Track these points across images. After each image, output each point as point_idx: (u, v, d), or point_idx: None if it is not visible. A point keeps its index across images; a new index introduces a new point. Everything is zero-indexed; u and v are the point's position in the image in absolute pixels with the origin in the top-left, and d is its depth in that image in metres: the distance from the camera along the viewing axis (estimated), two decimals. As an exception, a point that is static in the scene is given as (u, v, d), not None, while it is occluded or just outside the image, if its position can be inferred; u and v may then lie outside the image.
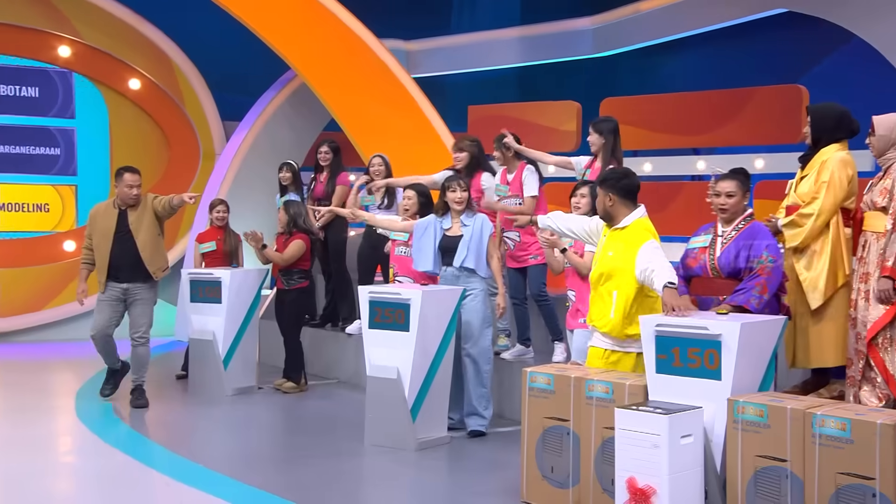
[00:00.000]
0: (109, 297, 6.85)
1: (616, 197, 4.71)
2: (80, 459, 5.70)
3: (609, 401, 4.24)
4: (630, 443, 3.86)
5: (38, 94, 10.94)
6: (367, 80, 9.95)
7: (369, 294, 5.88)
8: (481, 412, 6.00)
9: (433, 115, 9.99)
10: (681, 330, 4.10)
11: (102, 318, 6.86)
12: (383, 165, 7.83)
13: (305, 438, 6.09)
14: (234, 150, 11.02)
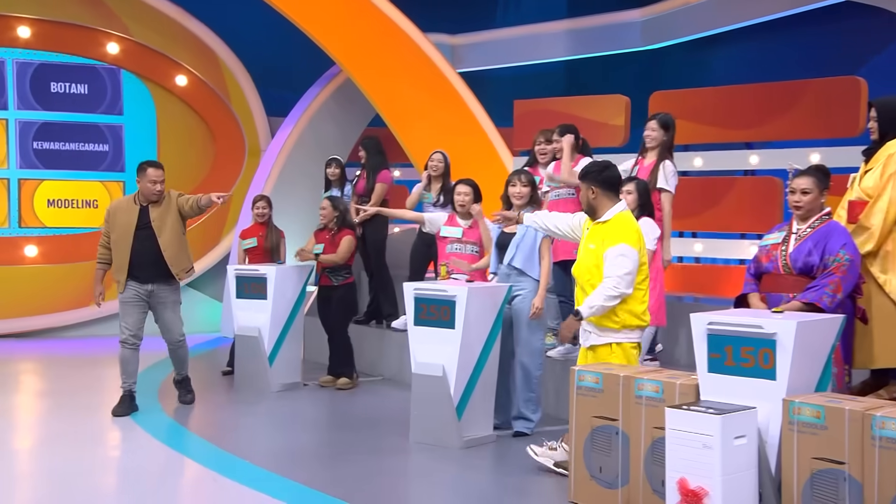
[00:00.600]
0: (132, 298, 6.53)
1: (599, 189, 4.82)
2: (127, 455, 5.79)
3: (659, 400, 4.19)
4: (681, 443, 3.80)
5: (88, 90, 11.14)
6: (412, 75, 9.96)
7: (415, 291, 5.88)
8: (529, 416, 5.96)
9: (478, 109, 9.97)
10: (734, 328, 4.03)
11: (132, 321, 6.53)
12: (443, 162, 7.77)
13: (350, 435, 6.11)
14: (279, 146, 11.11)
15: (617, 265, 4.66)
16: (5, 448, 5.85)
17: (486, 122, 9.92)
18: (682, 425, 3.81)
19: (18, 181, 10.91)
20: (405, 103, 9.85)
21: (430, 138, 9.33)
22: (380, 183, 8.26)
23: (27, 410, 7.27)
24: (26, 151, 10.92)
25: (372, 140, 8.49)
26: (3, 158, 10.84)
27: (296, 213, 10.61)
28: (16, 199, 10.89)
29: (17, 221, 10.89)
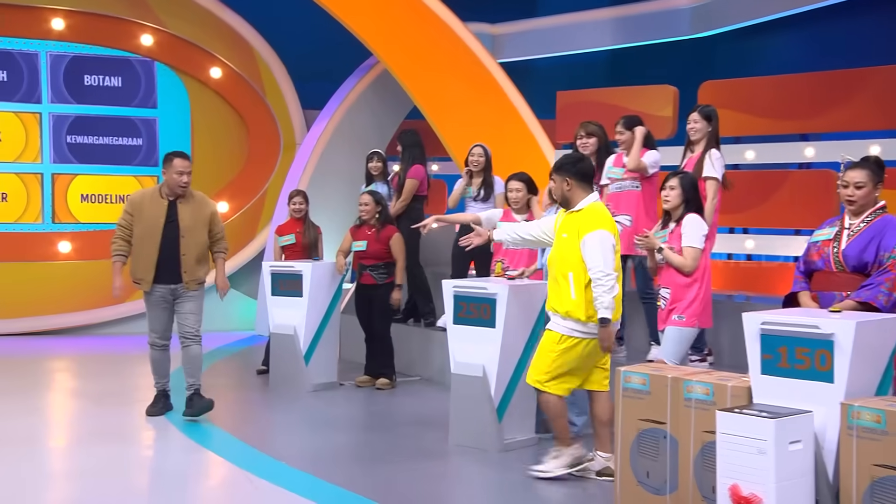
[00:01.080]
0: (159, 301, 6.37)
1: (573, 181, 4.96)
2: (160, 454, 5.87)
3: (709, 403, 4.14)
4: (733, 448, 3.76)
5: (122, 83, 11.29)
6: (451, 66, 9.95)
7: (454, 288, 5.87)
8: (573, 420, 5.92)
9: (519, 101, 9.94)
10: (789, 328, 3.97)
11: (159, 325, 6.41)
12: (483, 156, 7.75)
13: (388, 437, 6.13)
14: (314, 139, 11.17)
15: (596, 253, 4.79)
16: (39, 446, 5.96)
17: (527, 115, 9.89)
18: (735, 429, 3.77)
19: (52, 176, 11.10)
20: (444, 95, 9.85)
21: (469, 131, 9.31)
22: (409, 179, 8.22)
23: (61, 409, 7.40)
24: (60, 146, 11.10)
25: (409, 133, 8.48)
26: (36, 153, 11.03)
27: (332, 209, 10.66)
28: (49, 194, 11.07)
29: (51, 217, 11.07)
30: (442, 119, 9.83)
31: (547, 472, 5.07)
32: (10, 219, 10.92)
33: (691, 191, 5.37)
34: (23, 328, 10.71)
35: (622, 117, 6.64)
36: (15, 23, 10.83)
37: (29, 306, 10.76)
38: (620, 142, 6.61)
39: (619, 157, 6.65)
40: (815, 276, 4.66)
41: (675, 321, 5.28)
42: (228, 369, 8.94)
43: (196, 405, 6.42)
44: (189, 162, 6.41)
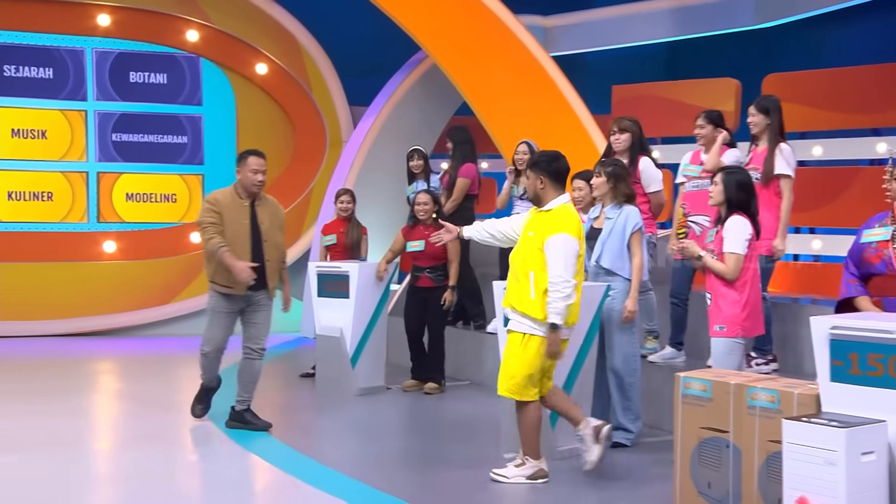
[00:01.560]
0: (228, 308, 6.23)
1: (547, 180, 5.06)
2: (205, 458, 5.93)
3: (775, 411, 4.07)
4: (801, 459, 3.68)
5: (167, 80, 11.46)
6: (502, 60, 9.91)
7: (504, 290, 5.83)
8: (627, 426, 5.89)
9: (573, 96, 9.86)
10: (861, 333, 3.87)
11: (221, 334, 6.26)
12: (529, 153, 7.74)
13: (437, 443, 6.12)
14: (361, 136, 11.22)
15: (558, 257, 4.91)
16: (84, 449, 6.06)
17: (581, 110, 9.81)
18: (802, 439, 3.69)
19: (97, 174, 11.30)
20: (495, 90, 9.82)
21: (520, 127, 9.27)
22: (462, 178, 8.21)
23: (105, 411, 7.52)
24: (105, 144, 11.30)
25: (459, 129, 8.48)
26: (82, 151, 11.24)
27: (378, 207, 10.70)
28: (94, 193, 11.28)
29: (96, 216, 11.27)
30: (492, 115, 9.79)
31: (508, 480, 5.12)
32: (56, 218, 11.14)
33: (734, 189, 5.18)
34: (67, 329, 10.92)
35: (703, 111, 6.51)
36: (60, 19, 11.05)
37: (74, 307, 10.97)
38: (700, 136, 6.46)
39: (696, 154, 6.52)
40: (874, 281, 4.53)
41: (716, 332, 5.19)
42: (273, 372, 9.01)
43: (252, 423, 6.30)
44: (264, 160, 6.20)
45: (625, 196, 5.92)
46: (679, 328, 6.58)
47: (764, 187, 5.99)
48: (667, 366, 6.48)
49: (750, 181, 5.31)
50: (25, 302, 10.79)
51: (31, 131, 11.05)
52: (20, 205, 11.00)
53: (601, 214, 5.99)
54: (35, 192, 11.06)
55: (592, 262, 5.91)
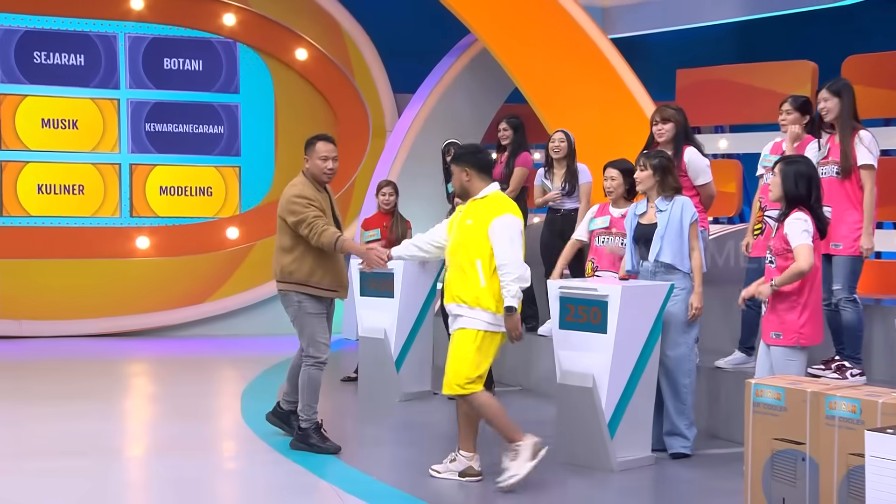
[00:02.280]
0: (322, 310, 6.03)
1: (473, 171, 5.27)
2: (245, 465, 5.98)
3: (856, 421, 3.99)
4: (886, 474, 3.59)
5: (202, 67, 11.58)
6: (557, 43, 9.84)
7: (560, 289, 5.81)
8: (683, 431, 5.85)
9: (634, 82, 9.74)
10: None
11: (328, 337, 6.06)
12: (565, 142, 7.74)
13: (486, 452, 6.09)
14: (406, 125, 11.24)
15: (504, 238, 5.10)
16: (117, 455, 6.14)
17: (642, 96, 9.69)
18: (887, 452, 3.60)
19: (130, 167, 11.45)
20: (549, 75, 9.76)
21: (576, 115, 9.21)
22: (519, 167, 8.19)
23: (139, 415, 7.62)
24: (138, 134, 11.45)
25: (518, 118, 8.45)
26: (114, 142, 11.40)
27: (425, 200, 10.69)
28: (127, 186, 11.43)
29: (129, 210, 11.42)
30: (546, 102, 9.73)
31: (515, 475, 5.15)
32: (87, 212, 11.31)
33: (791, 182, 5.08)
34: (99, 329, 11.09)
35: (790, 96, 6.40)
36: (91, 3, 11.23)
37: (105, 306, 11.14)
38: (784, 124, 6.33)
39: (778, 145, 6.42)
40: None
41: (771, 339, 5.13)
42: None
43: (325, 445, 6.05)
44: (334, 145, 6.03)
45: (673, 189, 5.88)
46: (750, 332, 6.49)
47: (845, 181, 5.86)
48: (736, 371, 6.39)
49: (812, 172, 5.17)
50: (55, 301, 10.98)
51: (62, 121, 11.23)
52: (50, 198, 11.20)
53: (648, 209, 5.94)
54: (66, 185, 11.24)
55: (651, 260, 5.85)
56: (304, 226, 5.82)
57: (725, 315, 6.96)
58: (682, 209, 5.79)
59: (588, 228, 6.68)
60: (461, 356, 5.23)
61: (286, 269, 5.95)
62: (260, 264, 11.35)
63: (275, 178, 11.61)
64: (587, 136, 8.49)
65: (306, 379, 6.00)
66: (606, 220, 6.52)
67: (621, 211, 6.44)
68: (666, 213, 5.81)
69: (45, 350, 10.17)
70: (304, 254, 5.90)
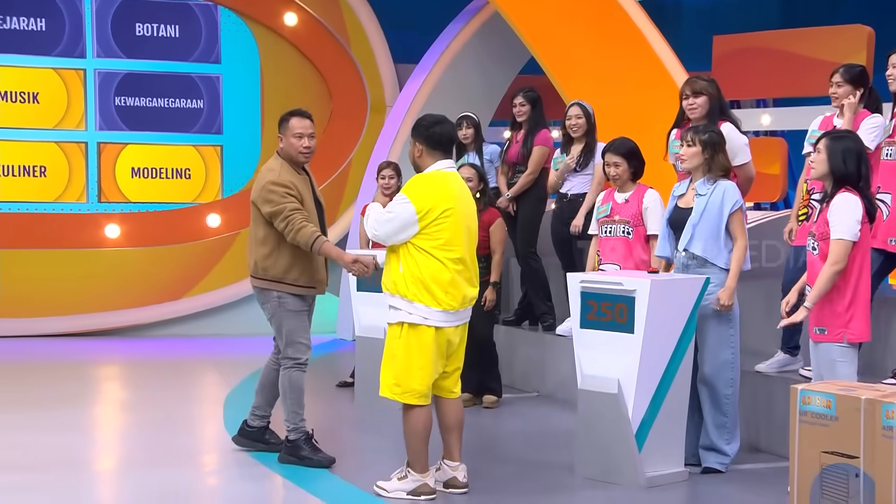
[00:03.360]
0: (309, 307, 6.12)
1: (424, 146, 5.35)
2: (228, 482, 5.99)
3: (916, 433, 3.99)
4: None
5: (179, 33, 11.57)
6: (578, 6, 9.83)
7: (581, 284, 5.81)
8: (722, 447, 5.86)
9: (665, 50, 9.71)
10: None
11: (309, 336, 6.12)
12: (583, 117, 7.73)
13: (500, 466, 6.11)
14: (408, 100, 11.24)
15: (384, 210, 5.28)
16: (86, 469, 6.16)
17: (674, 67, 9.66)
18: (951, 467, 3.60)
19: (98, 145, 11.46)
20: (569, 43, 9.74)
21: (599, 88, 9.19)
22: (539, 146, 8.21)
23: (110, 425, 7.65)
24: (107, 109, 11.46)
25: (535, 92, 8.46)
26: (80, 118, 11.41)
27: (430, 185, 10.68)
28: (94, 167, 11.45)
29: (97, 195, 11.44)
30: (565, 73, 9.72)
31: (388, 494, 5.32)
32: (49, 197, 11.33)
33: (839, 159, 5.06)
34: (65, 328, 11.12)
35: (842, 66, 6.34)
36: (54, -38, 11.21)
37: (71, 302, 11.16)
38: (835, 97, 6.28)
39: (828, 119, 6.36)
40: None
41: (816, 335, 5.13)
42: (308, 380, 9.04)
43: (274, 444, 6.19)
44: (311, 121, 6.11)
45: (722, 169, 5.85)
46: (794, 330, 6.47)
47: None
48: (778, 376, 6.39)
49: (861, 148, 5.16)
50: (14, 297, 11.00)
51: (21, 94, 11.25)
52: (7, 181, 11.22)
53: (689, 191, 5.93)
54: (25, 167, 11.26)
55: (681, 251, 5.85)
56: (279, 218, 5.83)
57: (767, 313, 6.95)
58: (723, 195, 5.76)
59: (595, 218, 6.70)
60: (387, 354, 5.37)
61: (260, 264, 5.98)
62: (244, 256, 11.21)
63: (261, 159, 11.61)
64: (611, 112, 8.47)
65: (287, 383, 6.02)
66: (608, 208, 6.54)
67: (625, 196, 6.48)
68: (704, 198, 5.79)
69: (3, 352, 10.19)
70: (279, 247, 5.92)
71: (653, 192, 6.48)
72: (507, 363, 8.17)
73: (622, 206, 6.49)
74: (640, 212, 6.44)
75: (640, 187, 6.52)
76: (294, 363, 6.02)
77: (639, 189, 6.50)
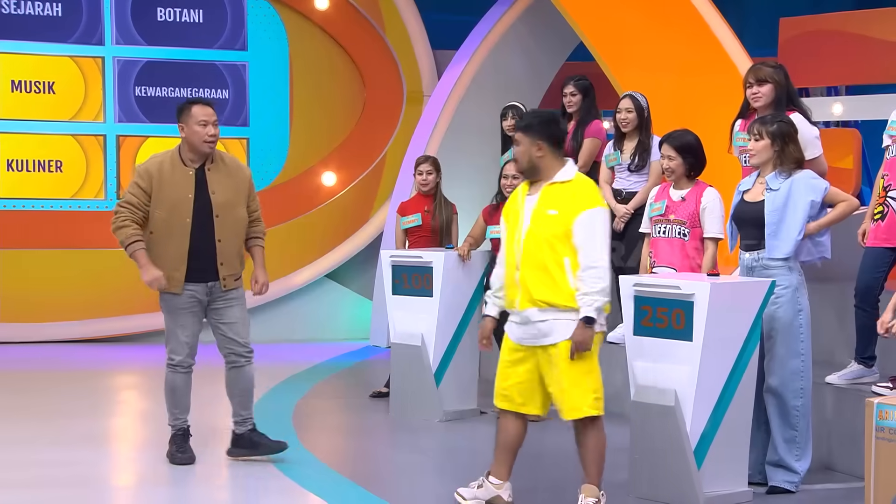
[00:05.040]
0: (189, 304, 6.26)
1: (547, 146, 5.24)
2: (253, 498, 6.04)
3: None
4: None
5: (203, 19, 11.64)
6: (632, -13, 9.80)
7: (634, 287, 5.80)
8: (791, 464, 5.83)
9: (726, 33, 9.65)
10: None
11: (190, 335, 6.30)
12: (633, 111, 7.71)
13: (543, 484, 6.11)
14: (448, 88, 11.24)
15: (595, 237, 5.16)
16: (103, 486, 6.21)
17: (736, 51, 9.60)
18: None
19: (117, 138, 11.55)
20: (621, 27, 9.72)
21: (655, 76, 9.16)
22: (590, 138, 8.20)
23: (128, 438, 7.70)
24: (126, 100, 11.53)
25: (587, 80, 8.44)
26: (97, 109, 11.49)
27: (471, 180, 10.70)
28: (114, 161, 11.53)
29: (116, 192, 11.51)
30: (618, 60, 9.69)
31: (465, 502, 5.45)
32: (66, 194, 11.42)
33: None
34: (80, 334, 11.22)
35: None
36: (71, -56, 11.31)
37: (88, 306, 11.25)
38: None
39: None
40: None
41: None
42: (336, 391, 9.10)
43: (266, 445, 6.38)
44: (212, 109, 6.33)
45: (795, 161, 5.82)
46: (868, 339, 6.41)
47: None
48: (852, 388, 6.32)
49: None
50: (28, 299, 11.10)
51: (35, 84, 11.34)
52: (22, 177, 11.31)
53: (756, 185, 5.89)
54: (40, 161, 11.35)
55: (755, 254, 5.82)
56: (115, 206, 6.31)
57: (840, 320, 6.89)
58: (801, 189, 5.72)
59: (648, 216, 6.66)
60: (583, 368, 5.27)
61: None
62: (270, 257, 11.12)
63: (290, 153, 11.66)
64: (668, 103, 8.44)
65: (165, 382, 6.39)
66: (663, 206, 6.50)
67: (681, 193, 6.44)
68: (776, 192, 5.74)
69: (16, 359, 10.29)
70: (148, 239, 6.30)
71: (712, 191, 6.43)
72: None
73: (678, 204, 6.45)
74: (697, 212, 6.40)
75: (699, 185, 6.47)
76: (168, 363, 6.35)
77: (697, 186, 6.45)
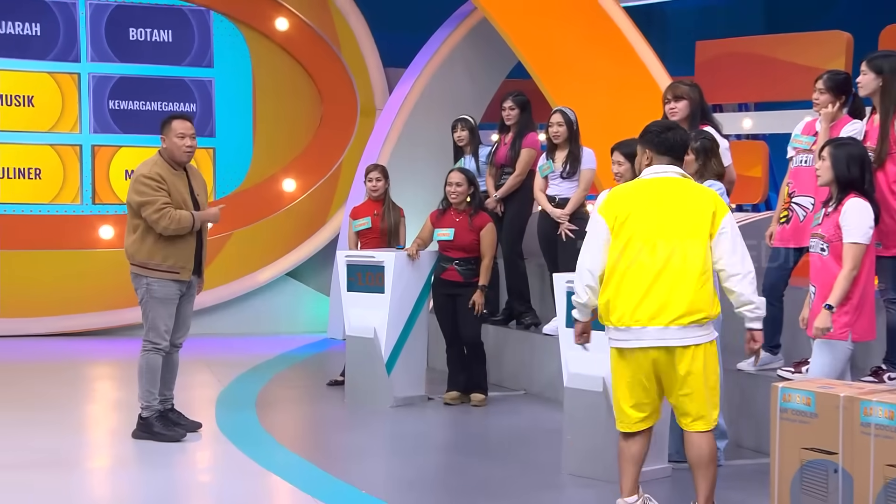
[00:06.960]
0: (178, 295, 6.51)
1: (653, 153, 4.87)
2: (218, 479, 6.00)
3: (895, 429, 4.00)
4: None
5: (172, 38, 11.54)
6: (564, 12, 9.83)
7: (567, 284, 5.83)
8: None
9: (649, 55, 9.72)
10: None
11: (171, 323, 6.50)
12: (563, 125, 7.76)
13: (487, 463, 6.13)
14: (398, 103, 11.23)
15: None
16: (79, 468, 6.16)
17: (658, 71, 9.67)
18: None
19: (92, 148, 11.43)
20: (555, 48, 9.75)
21: (585, 92, 9.21)
22: (527, 148, 8.24)
23: (102, 424, 7.62)
24: (101, 112, 11.42)
25: (524, 96, 8.48)
26: (74, 121, 11.37)
27: (419, 186, 10.69)
28: (89, 169, 11.41)
29: (91, 197, 11.40)
30: (552, 78, 9.71)
31: None
32: (44, 199, 11.29)
33: (844, 165, 5.10)
34: (59, 328, 11.08)
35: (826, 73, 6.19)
36: (49, -33, 11.17)
37: (65, 302, 11.12)
38: (816, 103, 6.14)
39: (811, 124, 6.28)
40: None
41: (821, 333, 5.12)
42: (296, 380, 9.07)
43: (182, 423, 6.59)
44: (191, 123, 6.60)
45: (716, 175, 5.85)
46: (774, 328, 6.50)
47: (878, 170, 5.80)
48: (760, 374, 6.40)
49: (864, 154, 5.22)
50: (9, 297, 10.96)
51: (15, 97, 11.21)
52: (2, 183, 11.15)
53: None
54: (20, 169, 11.22)
55: None
56: (151, 209, 6.32)
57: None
58: None
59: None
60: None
61: (129, 250, 6.47)
62: (236, 257, 11.34)
63: (253, 162, 11.60)
64: (597, 116, 8.49)
65: (144, 364, 6.43)
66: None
67: None
68: None
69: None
70: (144, 234, 6.38)
71: None
72: (495, 362, 8.18)
73: None
74: None
75: None
76: (153, 347, 6.44)
77: None
